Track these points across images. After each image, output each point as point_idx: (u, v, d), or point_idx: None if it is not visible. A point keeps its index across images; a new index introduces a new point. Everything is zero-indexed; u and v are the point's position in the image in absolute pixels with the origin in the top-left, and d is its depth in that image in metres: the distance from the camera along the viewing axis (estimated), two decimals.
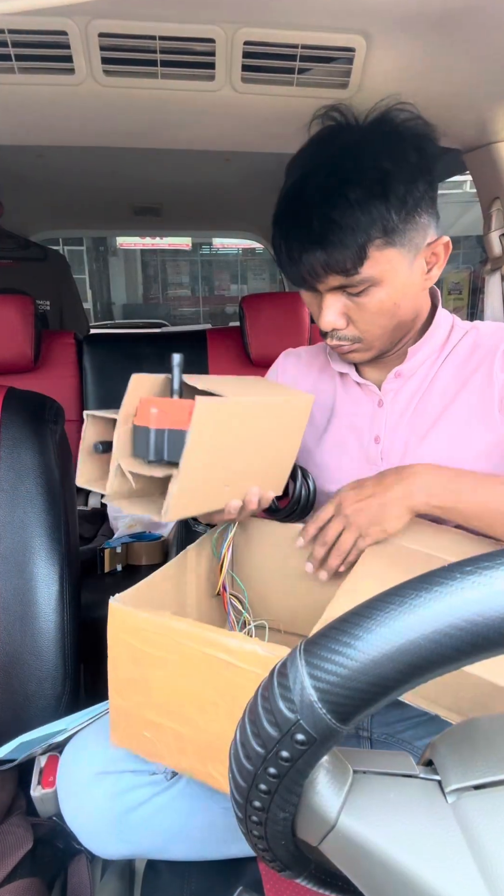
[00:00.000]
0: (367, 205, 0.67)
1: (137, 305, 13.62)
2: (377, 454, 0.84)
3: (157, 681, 0.61)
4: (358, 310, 0.74)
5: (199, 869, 0.77)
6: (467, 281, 6.54)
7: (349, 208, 0.67)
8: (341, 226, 0.67)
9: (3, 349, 1.74)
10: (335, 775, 0.32)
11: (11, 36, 0.82)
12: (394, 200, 0.68)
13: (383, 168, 0.68)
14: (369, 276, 0.70)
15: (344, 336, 0.77)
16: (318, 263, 0.70)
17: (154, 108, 0.99)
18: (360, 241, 0.67)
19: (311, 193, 0.69)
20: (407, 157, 0.69)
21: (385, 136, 0.71)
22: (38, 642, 0.86)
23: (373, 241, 0.68)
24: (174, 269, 14.77)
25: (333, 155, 0.71)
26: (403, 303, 0.74)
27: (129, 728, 0.66)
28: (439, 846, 0.28)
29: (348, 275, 0.70)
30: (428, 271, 0.76)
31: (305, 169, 0.72)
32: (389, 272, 0.71)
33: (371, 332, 0.76)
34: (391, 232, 0.68)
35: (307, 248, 0.69)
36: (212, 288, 14.89)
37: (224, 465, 0.67)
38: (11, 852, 0.74)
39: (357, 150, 0.70)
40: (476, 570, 0.26)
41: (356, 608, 0.28)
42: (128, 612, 0.62)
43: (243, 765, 0.31)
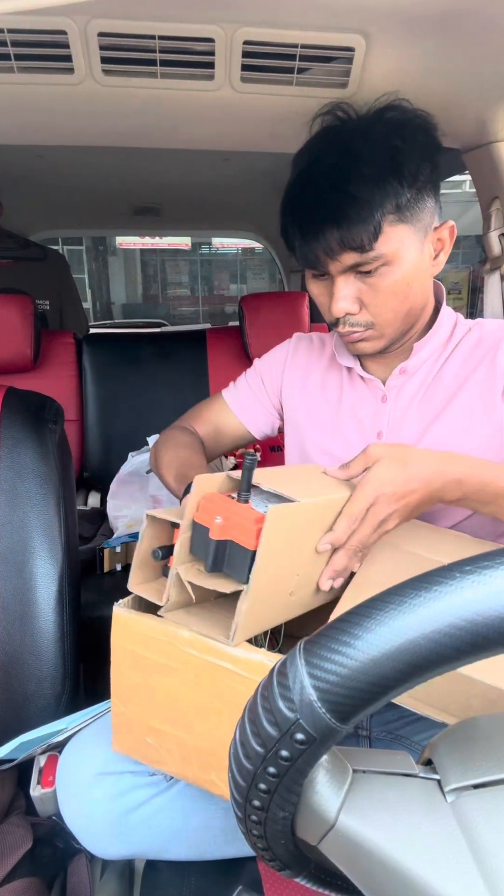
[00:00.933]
0: (381, 179, 0.68)
1: (137, 305, 13.62)
2: None
3: (161, 688, 0.61)
4: (371, 292, 0.74)
5: (199, 868, 0.77)
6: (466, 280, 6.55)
7: (364, 182, 0.68)
8: (357, 199, 0.68)
9: (3, 349, 1.74)
10: (335, 774, 0.32)
11: (11, 35, 0.82)
12: (406, 175, 0.69)
13: (394, 145, 0.69)
14: (383, 252, 0.70)
15: (356, 322, 0.77)
16: (335, 240, 0.70)
17: (153, 107, 0.99)
18: (375, 215, 0.68)
19: (324, 173, 0.71)
20: (415, 136, 0.71)
21: (392, 119, 0.73)
22: (37, 642, 0.86)
23: (386, 215, 0.69)
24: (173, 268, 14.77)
25: (344, 139, 0.72)
26: (414, 285, 0.75)
27: (131, 734, 0.65)
28: (438, 845, 0.29)
29: (364, 251, 0.70)
30: (435, 257, 0.77)
31: (314, 155, 0.73)
32: (402, 250, 0.72)
33: (383, 315, 0.76)
34: (403, 208, 0.70)
35: (324, 224, 0.70)
36: (211, 287, 14.89)
37: (290, 572, 0.62)
38: (11, 852, 0.74)
39: (367, 131, 0.71)
40: (475, 569, 0.26)
41: (356, 608, 0.28)
42: (132, 618, 0.60)
43: (243, 764, 0.31)
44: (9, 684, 0.86)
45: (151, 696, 0.62)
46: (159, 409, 2.00)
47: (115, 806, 0.72)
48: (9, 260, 2.40)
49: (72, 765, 0.76)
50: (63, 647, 0.87)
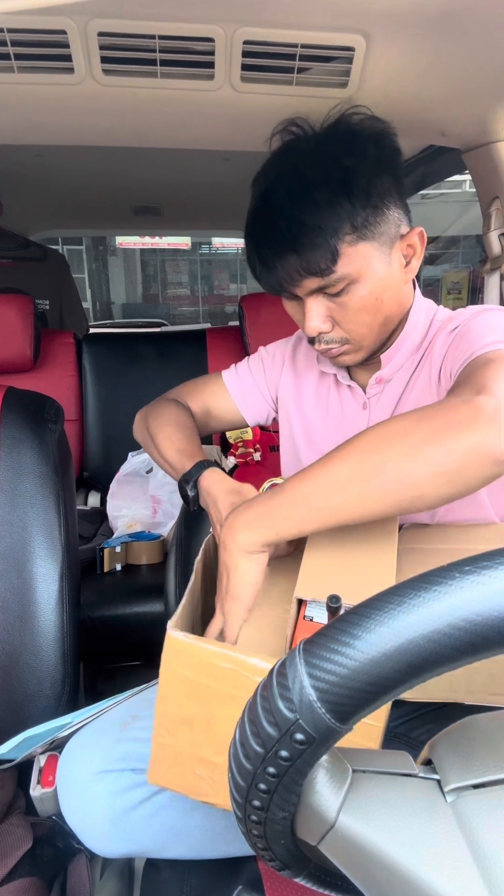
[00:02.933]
0: (332, 203, 0.68)
1: (137, 305, 13.61)
2: None
3: (222, 718, 0.56)
4: (341, 310, 0.74)
5: (199, 868, 0.77)
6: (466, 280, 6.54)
7: (315, 208, 0.68)
8: (310, 226, 0.68)
9: (3, 349, 1.74)
10: (334, 775, 0.32)
11: (11, 35, 0.82)
12: (358, 194, 0.68)
13: (344, 165, 0.69)
14: (345, 273, 0.70)
15: (331, 339, 0.77)
16: (293, 268, 0.70)
17: (153, 107, 0.99)
18: (330, 240, 0.68)
19: (277, 201, 0.70)
20: (366, 151, 0.70)
21: (342, 136, 0.72)
22: (37, 642, 0.86)
23: (343, 238, 0.68)
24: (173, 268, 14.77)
25: (295, 162, 0.72)
26: (385, 297, 0.74)
27: (175, 767, 0.61)
28: (438, 845, 0.29)
29: (324, 275, 0.70)
30: (407, 264, 0.76)
31: (269, 181, 0.73)
32: (365, 267, 0.71)
33: (357, 331, 0.75)
34: (360, 227, 0.69)
35: (280, 253, 0.70)
36: (211, 287, 14.89)
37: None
38: (11, 852, 0.74)
39: (316, 153, 0.71)
40: (475, 569, 0.26)
41: (355, 608, 0.28)
42: (193, 645, 0.55)
43: (242, 764, 0.31)
44: (9, 684, 0.86)
45: (209, 727, 0.57)
46: None
47: (116, 803, 0.72)
48: (9, 260, 2.40)
49: (72, 762, 0.76)
50: (63, 647, 0.87)
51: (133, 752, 0.74)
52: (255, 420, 1.00)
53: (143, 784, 0.74)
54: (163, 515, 1.72)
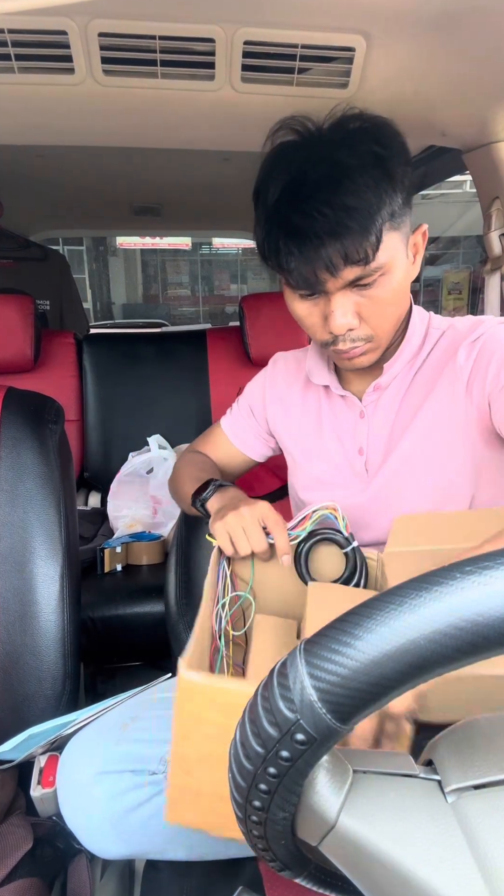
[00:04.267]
0: (376, 188, 0.66)
1: (137, 305, 13.61)
2: (362, 466, 0.84)
3: None
4: (370, 304, 0.72)
5: (200, 868, 0.77)
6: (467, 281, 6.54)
7: (361, 192, 0.66)
8: (359, 209, 0.65)
9: (3, 349, 1.74)
10: (335, 775, 0.32)
11: (11, 36, 0.82)
12: (397, 181, 0.68)
13: (377, 153, 0.67)
14: (382, 262, 0.69)
15: (357, 336, 0.74)
16: (338, 254, 0.66)
17: (154, 107, 0.99)
18: (377, 224, 0.66)
19: (314, 188, 0.67)
20: (394, 142, 0.69)
21: (363, 128, 0.70)
22: (37, 642, 0.86)
23: (385, 223, 0.67)
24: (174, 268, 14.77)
25: (325, 150, 0.69)
26: (406, 291, 0.74)
27: (195, 805, 0.59)
28: (439, 846, 0.28)
29: (367, 262, 0.68)
30: (413, 262, 0.76)
31: (295, 170, 0.69)
32: (395, 259, 0.70)
33: (383, 327, 0.74)
34: (395, 215, 0.69)
35: (324, 240, 0.66)
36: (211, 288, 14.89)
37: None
38: (11, 852, 0.74)
39: (345, 142, 0.68)
40: (476, 569, 0.26)
41: (356, 608, 0.28)
42: (206, 686, 0.52)
43: (243, 764, 0.31)
44: (9, 684, 0.86)
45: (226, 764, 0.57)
46: (159, 410, 2.00)
47: (116, 805, 0.72)
48: (9, 260, 2.40)
49: (72, 764, 0.76)
50: (63, 647, 0.87)
51: (133, 753, 0.74)
52: (262, 456, 1.01)
53: (143, 785, 0.73)
54: (163, 516, 1.72)
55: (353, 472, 0.85)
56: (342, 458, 0.86)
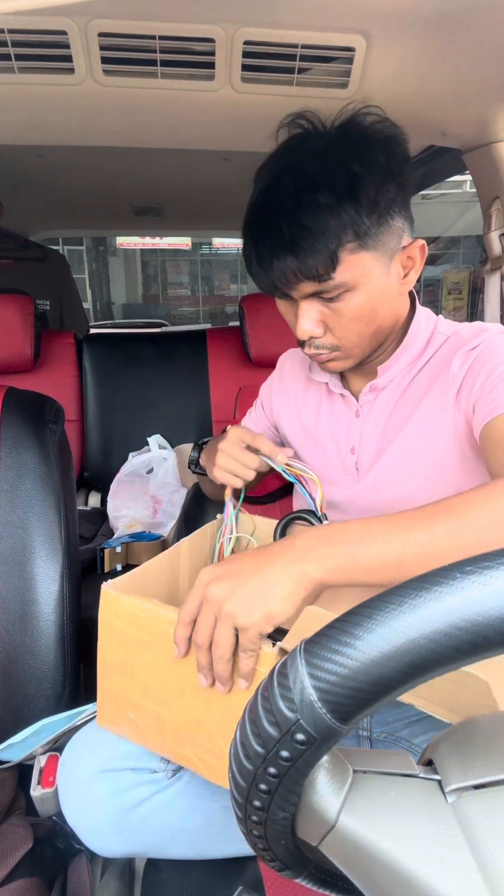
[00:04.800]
0: (337, 208, 0.65)
1: (137, 305, 13.61)
2: (353, 465, 0.84)
3: (143, 664, 0.64)
4: (334, 316, 0.72)
5: (200, 868, 0.77)
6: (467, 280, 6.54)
7: (319, 212, 0.65)
8: (312, 231, 0.66)
9: (3, 349, 1.74)
10: (335, 775, 0.32)
11: (11, 36, 0.82)
12: (364, 203, 0.66)
13: (352, 171, 0.66)
14: (343, 281, 0.68)
15: (321, 344, 0.75)
16: (290, 270, 0.68)
17: (154, 107, 0.99)
18: (331, 246, 0.66)
19: (280, 199, 0.68)
20: (376, 159, 0.68)
21: (353, 139, 0.69)
22: (37, 642, 0.86)
23: (344, 245, 0.67)
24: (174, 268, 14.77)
25: (301, 160, 0.69)
26: (381, 307, 0.73)
27: (114, 710, 0.68)
28: (439, 846, 0.28)
29: (321, 280, 0.68)
30: (405, 276, 0.74)
31: (273, 176, 0.70)
32: (364, 277, 0.69)
33: (349, 339, 0.74)
34: (363, 235, 0.67)
35: (278, 254, 0.68)
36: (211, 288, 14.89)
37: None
38: (11, 852, 0.74)
39: (325, 155, 0.68)
40: (476, 569, 0.26)
41: (356, 608, 0.28)
42: (119, 597, 0.64)
43: (243, 764, 0.31)
44: (9, 684, 0.86)
45: (133, 672, 0.65)
46: (159, 410, 2.00)
47: (116, 803, 0.72)
48: (9, 260, 2.40)
49: (73, 762, 0.76)
50: (63, 647, 0.87)
51: (133, 751, 0.74)
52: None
53: (144, 784, 0.74)
54: (163, 516, 1.72)
55: (343, 470, 0.85)
56: (335, 454, 0.86)
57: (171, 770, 0.75)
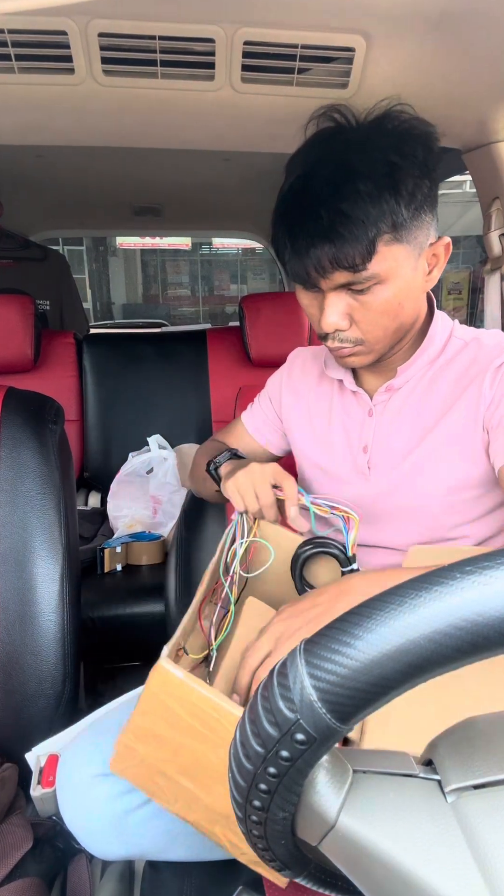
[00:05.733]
0: (377, 197, 0.65)
1: (137, 305, 13.61)
2: (364, 464, 0.84)
3: (190, 748, 0.58)
4: (362, 309, 0.72)
5: (199, 869, 0.77)
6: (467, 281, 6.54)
7: (360, 200, 0.65)
8: (352, 218, 0.65)
9: (3, 349, 1.74)
10: (335, 775, 0.32)
11: (11, 36, 0.82)
12: (404, 194, 0.66)
13: (392, 161, 0.66)
14: (376, 272, 0.68)
15: (346, 338, 0.75)
16: (327, 257, 0.67)
17: (154, 108, 0.99)
18: (370, 235, 0.66)
19: (318, 187, 0.67)
20: (415, 152, 0.68)
21: (391, 131, 0.70)
22: (37, 642, 0.86)
23: (382, 235, 0.66)
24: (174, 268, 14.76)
25: (340, 150, 0.69)
26: (407, 303, 0.73)
27: (138, 769, 0.63)
28: (439, 846, 0.28)
29: (356, 270, 0.68)
30: (429, 273, 0.75)
31: (309, 165, 0.70)
32: (395, 270, 0.69)
33: (373, 333, 0.74)
34: (399, 227, 0.67)
35: (315, 241, 0.67)
36: (211, 288, 14.88)
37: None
38: (11, 852, 0.74)
39: (364, 144, 0.68)
40: (476, 569, 0.26)
41: (356, 608, 0.28)
42: (181, 682, 0.56)
43: (243, 764, 0.31)
44: (9, 684, 0.86)
45: (175, 751, 0.59)
46: (159, 410, 2.00)
47: (116, 806, 0.72)
48: (9, 260, 2.40)
49: (72, 765, 0.75)
50: (63, 647, 0.87)
51: None
52: (281, 449, 1.02)
53: None
54: (163, 516, 1.72)
55: (355, 469, 0.85)
56: (346, 451, 0.86)
57: None
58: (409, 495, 0.80)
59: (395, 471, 0.81)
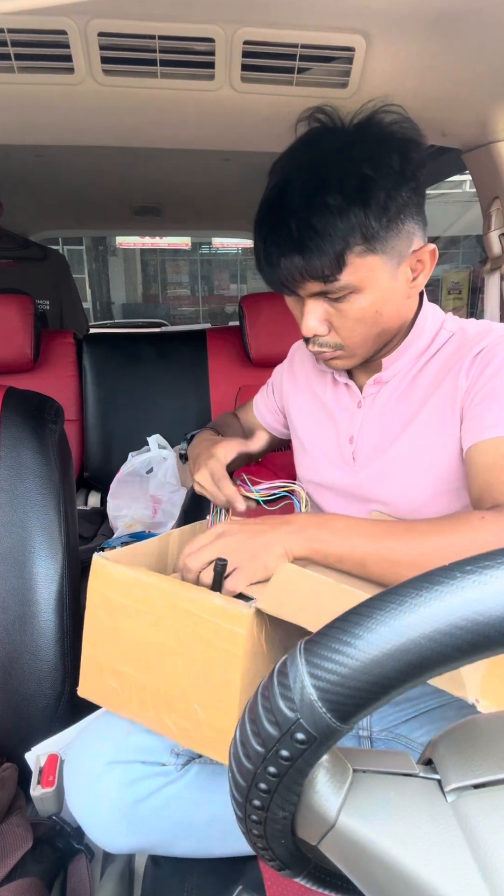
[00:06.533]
0: (346, 211, 0.65)
1: (137, 305, 13.61)
2: (350, 455, 0.84)
3: (126, 630, 0.67)
4: (339, 316, 0.73)
5: (200, 868, 0.77)
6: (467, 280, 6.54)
7: (328, 214, 0.65)
8: (319, 232, 0.66)
9: (3, 349, 1.74)
10: (335, 774, 0.32)
11: (11, 35, 0.82)
12: (374, 207, 0.66)
13: (364, 174, 0.66)
14: (349, 282, 0.69)
15: (325, 343, 0.76)
16: (297, 269, 0.69)
17: (154, 107, 0.99)
18: (337, 248, 0.66)
19: (291, 198, 0.68)
20: (390, 162, 0.68)
21: (369, 140, 0.69)
22: (37, 642, 0.86)
23: (352, 247, 0.67)
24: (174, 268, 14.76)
25: (315, 159, 0.69)
26: (386, 310, 0.73)
27: (96, 678, 0.71)
28: (439, 845, 0.28)
29: (327, 281, 0.69)
30: (413, 279, 0.74)
31: (286, 173, 0.70)
32: (370, 279, 0.69)
33: (352, 339, 0.74)
34: (372, 239, 0.67)
35: (285, 253, 0.69)
36: (211, 287, 14.88)
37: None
38: (11, 852, 0.74)
39: (339, 155, 0.68)
40: (476, 569, 0.26)
41: (356, 607, 0.28)
42: (109, 565, 0.68)
43: (243, 764, 0.31)
44: (9, 684, 0.86)
45: (118, 638, 0.68)
46: (159, 409, 2.00)
47: (125, 795, 0.72)
48: (9, 260, 2.40)
49: (81, 754, 0.76)
50: (63, 647, 0.87)
51: (143, 744, 0.74)
52: (280, 434, 1.06)
53: (153, 776, 0.74)
54: (163, 515, 1.72)
55: (341, 459, 0.86)
56: (335, 442, 0.87)
57: (180, 763, 0.75)
58: (392, 485, 0.80)
59: (378, 461, 0.81)
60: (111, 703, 0.71)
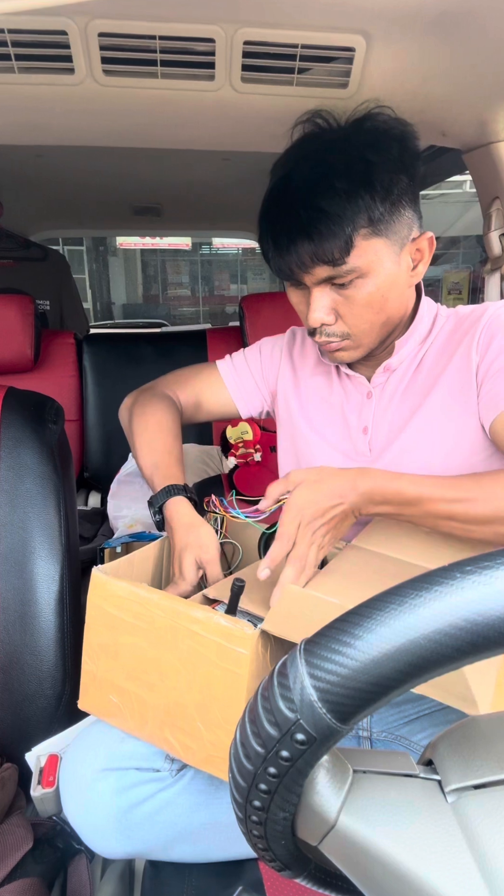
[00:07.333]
0: (353, 194, 0.68)
1: (137, 305, 13.61)
2: (365, 446, 0.85)
3: (127, 646, 0.67)
4: (346, 303, 0.74)
5: (200, 869, 0.77)
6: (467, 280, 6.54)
7: (336, 197, 0.68)
8: (328, 214, 0.68)
9: (3, 349, 1.74)
10: (335, 775, 0.32)
11: (11, 36, 0.82)
12: (379, 190, 0.69)
13: (368, 159, 0.70)
14: (356, 266, 0.71)
15: (332, 332, 0.77)
16: (307, 253, 0.70)
17: (154, 108, 0.99)
18: (346, 230, 0.69)
19: (297, 185, 0.71)
20: (390, 149, 0.71)
21: (368, 131, 0.73)
22: (37, 642, 0.86)
23: (359, 230, 0.69)
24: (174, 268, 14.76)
25: (318, 151, 0.73)
26: (391, 296, 0.75)
27: (97, 693, 0.71)
28: (439, 845, 0.28)
29: (336, 265, 0.70)
30: (413, 268, 0.77)
31: (290, 165, 0.73)
32: (376, 263, 0.72)
33: (359, 327, 0.76)
34: (377, 221, 0.70)
35: (295, 238, 0.71)
36: (211, 288, 14.88)
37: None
38: (11, 852, 0.74)
39: (342, 144, 0.72)
40: (476, 569, 0.26)
41: (356, 608, 0.28)
42: (108, 580, 0.68)
43: (243, 764, 0.31)
44: (9, 684, 0.86)
45: (118, 654, 0.68)
46: None
47: (120, 801, 0.72)
48: (9, 260, 2.40)
49: (76, 760, 0.76)
50: (63, 647, 0.87)
51: (137, 751, 0.74)
52: (249, 412, 1.01)
53: (148, 782, 0.74)
54: None
55: (355, 450, 0.86)
56: (346, 434, 0.87)
57: (175, 769, 0.75)
58: (410, 468, 0.80)
59: (394, 450, 0.82)
60: (112, 717, 0.71)
